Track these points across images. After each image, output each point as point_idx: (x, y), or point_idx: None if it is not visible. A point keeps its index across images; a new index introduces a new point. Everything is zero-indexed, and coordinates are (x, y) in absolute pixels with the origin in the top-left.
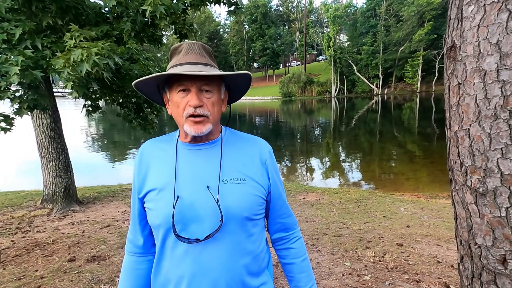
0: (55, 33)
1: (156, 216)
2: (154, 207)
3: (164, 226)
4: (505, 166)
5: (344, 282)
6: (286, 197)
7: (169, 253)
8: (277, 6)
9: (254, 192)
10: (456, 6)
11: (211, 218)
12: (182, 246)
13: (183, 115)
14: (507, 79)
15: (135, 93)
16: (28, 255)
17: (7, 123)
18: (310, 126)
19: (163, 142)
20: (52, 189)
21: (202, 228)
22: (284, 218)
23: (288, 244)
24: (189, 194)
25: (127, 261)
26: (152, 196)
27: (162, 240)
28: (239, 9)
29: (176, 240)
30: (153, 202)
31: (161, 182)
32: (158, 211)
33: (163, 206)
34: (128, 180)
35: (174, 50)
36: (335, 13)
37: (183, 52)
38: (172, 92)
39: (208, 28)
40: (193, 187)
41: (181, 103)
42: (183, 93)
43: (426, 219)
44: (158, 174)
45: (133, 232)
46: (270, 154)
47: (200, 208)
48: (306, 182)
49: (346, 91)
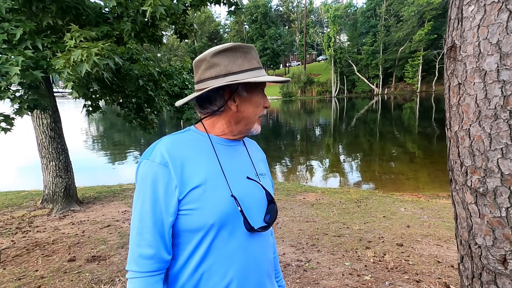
0: (55, 33)
1: (210, 215)
2: (203, 206)
3: (218, 224)
4: (505, 166)
5: (344, 282)
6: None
7: (217, 254)
8: (277, 6)
9: (272, 185)
10: (456, 6)
11: (264, 205)
12: (235, 241)
13: (258, 115)
14: (507, 79)
15: (135, 93)
16: (28, 255)
17: (7, 123)
18: (310, 126)
19: (188, 138)
20: (52, 189)
21: (259, 217)
22: None
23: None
24: (240, 187)
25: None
26: (197, 194)
27: (211, 241)
28: (239, 9)
29: (231, 236)
30: (200, 201)
31: (208, 178)
32: (211, 209)
33: (218, 203)
34: (128, 180)
35: (240, 48)
36: (335, 13)
37: (255, 55)
38: (254, 93)
39: (208, 28)
40: (239, 180)
41: (262, 104)
42: (262, 96)
43: (426, 219)
44: (199, 170)
45: (159, 247)
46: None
47: (253, 198)
48: (306, 182)
49: (346, 91)
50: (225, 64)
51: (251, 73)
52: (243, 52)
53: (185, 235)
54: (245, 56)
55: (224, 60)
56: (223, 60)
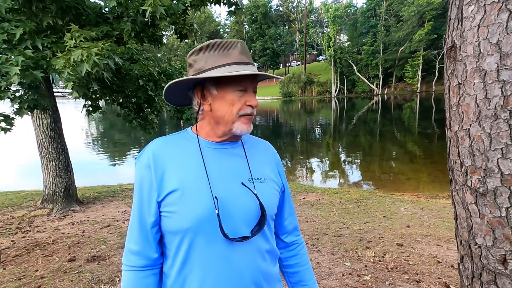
0: (55, 33)
1: (185, 219)
2: (180, 210)
3: (195, 229)
4: (505, 166)
5: (344, 282)
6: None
7: (196, 259)
8: (277, 6)
9: (274, 192)
10: (456, 6)
11: (252, 215)
12: (214, 248)
13: (237, 114)
14: (507, 79)
15: (135, 93)
16: (28, 255)
17: (7, 123)
18: (310, 126)
19: (178, 141)
20: (52, 189)
21: (243, 226)
22: (293, 216)
23: (298, 250)
24: (225, 193)
25: (135, 279)
26: (174, 198)
27: (188, 245)
28: (239, 9)
29: (209, 242)
30: (177, 205)
31: (186, 182)
32: (187, 214)
33: (198, 207)
34: (128, 180)
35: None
36: (335, 13)
37: (239, 51)
38: (225, 89)
39: (208, 28)
40: (227, 185)
41: (239, 102)
42: (241, 93)
43: (426, 219)
44: (180, 174)
45: (143, 244)
46: (277, 155)
47: (240, 205)
48: (306, 182)
49: (346, 91)
50: (199, 63)
51: (224, 68)
52: (223, 49)
53: (168, 237)
54: (224, 53)
55: (199, 59)
56: (198, 59)
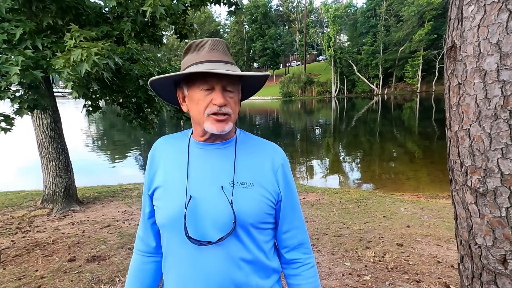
0: (55, 33)
1: (162, 215)
2: (161, 206)
3: (169, 226)
4: (505, 166)
5: (344, 282)
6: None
7: (172, 255)
8: (277, 6)
9: (260, 199)
10: (456, 6)
11: (223, 221)
12: (186, 249)
13: (205, 113)
14: (507, 79)
15: (135, 93)
16: (28, 255)
17: (7, 123)
18: (310, 126)
19: (176, 139)
20: (52, 189)
21: (212, 230)
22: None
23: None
24: (201, 194)
25: (137, 261)
26: (159, 194)
27: (166, 242)
28: (239, 9)
29: (182, 242)
30: (160, 200)
31: (169, 180)
32: (164, 210)
33: (171, 205)
34: (128, 180)
35: (194, 46)
36: (335, 13)
37: (208, 48)
38: (193, 89)
39: (208, 28)
40: (205, 187)
41: (204, 101)
42: (207, 91)
43: (426, 219)
44: (167, 171)
45: (144, 231)
46: (284, 162)
47: (211, 209)
48: (306, 182)
49: (346, 91)
50: (182, 65)
51: (190, 68)
52: (196, 49)
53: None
54: (195, 52)
55: (183, 61)
56: (183, 61)
